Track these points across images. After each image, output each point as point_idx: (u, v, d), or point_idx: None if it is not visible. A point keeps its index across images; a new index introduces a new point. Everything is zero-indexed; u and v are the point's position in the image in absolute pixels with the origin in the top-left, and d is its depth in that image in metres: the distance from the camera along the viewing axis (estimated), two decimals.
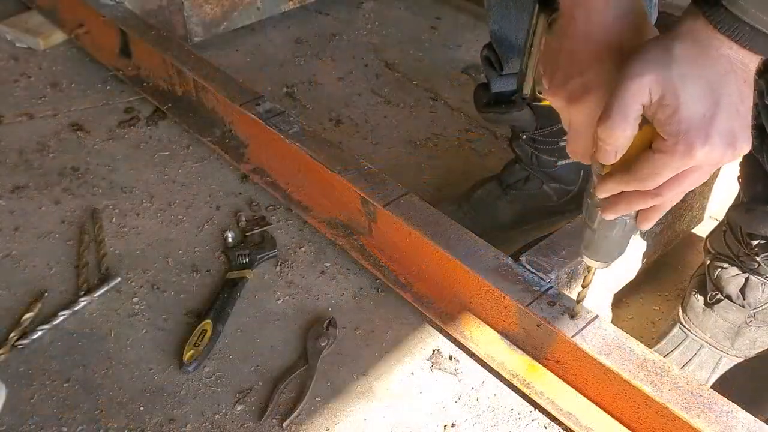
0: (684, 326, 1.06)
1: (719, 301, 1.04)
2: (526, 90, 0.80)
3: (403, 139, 1.52)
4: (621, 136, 0.60)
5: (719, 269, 1.04)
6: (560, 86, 0.66)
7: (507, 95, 1.15)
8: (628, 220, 0.72)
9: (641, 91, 0.58)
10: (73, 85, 1.58)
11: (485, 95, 1.17)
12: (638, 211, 0.69)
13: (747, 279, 1.02)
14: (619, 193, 0.66)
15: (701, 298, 1.06)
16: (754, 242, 1.00)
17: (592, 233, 0.75)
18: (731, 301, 1.03)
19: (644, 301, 1.21)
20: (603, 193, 0.67)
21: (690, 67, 0.57)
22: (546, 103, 0.80)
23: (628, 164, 0.63)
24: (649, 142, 0.61)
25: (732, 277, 1.03)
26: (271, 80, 1.68)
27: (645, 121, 0.60)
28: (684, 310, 1.08)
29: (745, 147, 0.59)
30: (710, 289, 1.05)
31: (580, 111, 0.65)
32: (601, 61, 0.63)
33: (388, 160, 1.45)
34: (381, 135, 1.53)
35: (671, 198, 0.64)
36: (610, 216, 0.69)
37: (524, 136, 1.20)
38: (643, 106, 0.59)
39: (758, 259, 1.00)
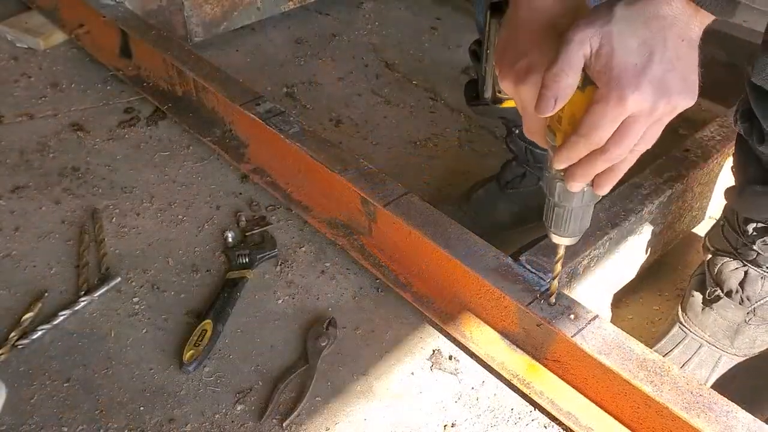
0: (683, 325, 1.06)
1: (718, 298, 1.04)
2: (487, 94, 0.81)
3: (403, 139, 1.52)
4: (563, 82, 0.63)
5: (719, 264, 1.05)
6: (509, 69, 0.70)
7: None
8: (585, 189, 0.73)
9: (583, 41, 0.62)
10: (73, 85, 1.58)
11: (474, 89, 1.17)
12: (594, 179, 0.71)
13: (746, 273, 1.03)
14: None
15: (700, 297, 1.06)
16: (750, 228, 1.00)
17: (557, 209, 0.77)
18: (730, 297, 1.03)
19: (644, 301, 1.21)
20: (560, 163, 0.70)
21: (627, 24, 0.62)
22: (509, 104, 0.81)
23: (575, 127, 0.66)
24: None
25: (732, 271, 1.03)
26: (271, 80, 1.68)
27: (590, 82, 0.64)
28: (683, 310, 1.08)
29: (682, 102, 0.63)
30: (710, 285, 1.05)
31: (527, 90, 0.69)
32: (541, 42, 0.68)
33: (388, 160, 1.45)
34: (381, 135, 1.53)
35: (618, 154, 0.66)
36: (575, 187, 0.71)
37: (516, 131, 1.20)
38: (584, 57, 0.62)
39: (755, 247, 1.00)
